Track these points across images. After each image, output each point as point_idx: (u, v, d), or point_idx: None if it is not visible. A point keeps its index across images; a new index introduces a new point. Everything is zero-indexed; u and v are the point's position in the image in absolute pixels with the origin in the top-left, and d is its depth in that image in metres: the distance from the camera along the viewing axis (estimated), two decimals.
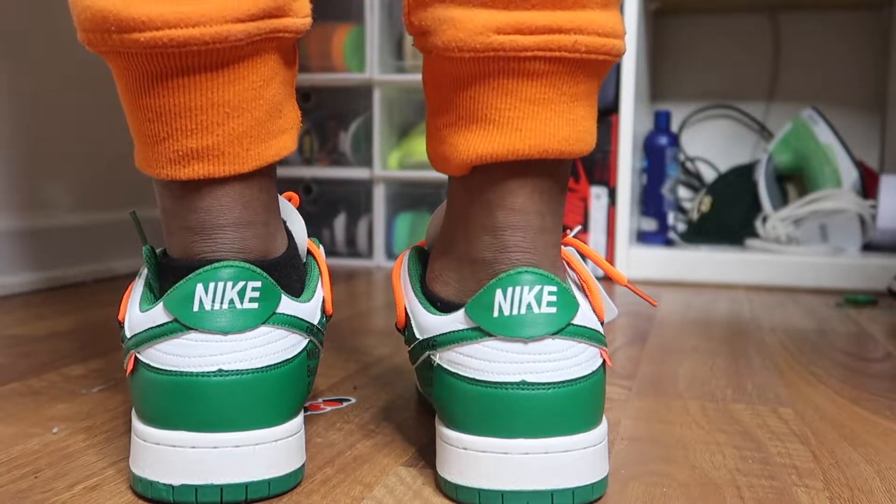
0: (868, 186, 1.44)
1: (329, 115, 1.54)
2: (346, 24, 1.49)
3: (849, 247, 1.39)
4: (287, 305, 0.46)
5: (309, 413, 0.59)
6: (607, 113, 1.36)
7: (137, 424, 0.44)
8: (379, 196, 1.50)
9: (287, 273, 0.47)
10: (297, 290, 0.48)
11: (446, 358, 0.45)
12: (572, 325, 0.44)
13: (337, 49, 1.48)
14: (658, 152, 1.46)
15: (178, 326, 0.43)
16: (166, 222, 0.47)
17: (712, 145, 1.66)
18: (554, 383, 0.43)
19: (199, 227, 0.45)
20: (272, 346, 0.44)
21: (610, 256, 1.38)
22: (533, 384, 0.43)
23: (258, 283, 0.44)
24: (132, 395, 0.46)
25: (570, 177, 0.50)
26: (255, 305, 0.44)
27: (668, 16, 1.64)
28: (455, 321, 0.45)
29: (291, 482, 0.45)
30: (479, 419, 0.43)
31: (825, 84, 1.61)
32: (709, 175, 1.65)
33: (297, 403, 0.46)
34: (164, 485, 0.43)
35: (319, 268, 0.51)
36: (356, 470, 0.49)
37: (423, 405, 0.62)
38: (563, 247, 0.52)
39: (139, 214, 0.53)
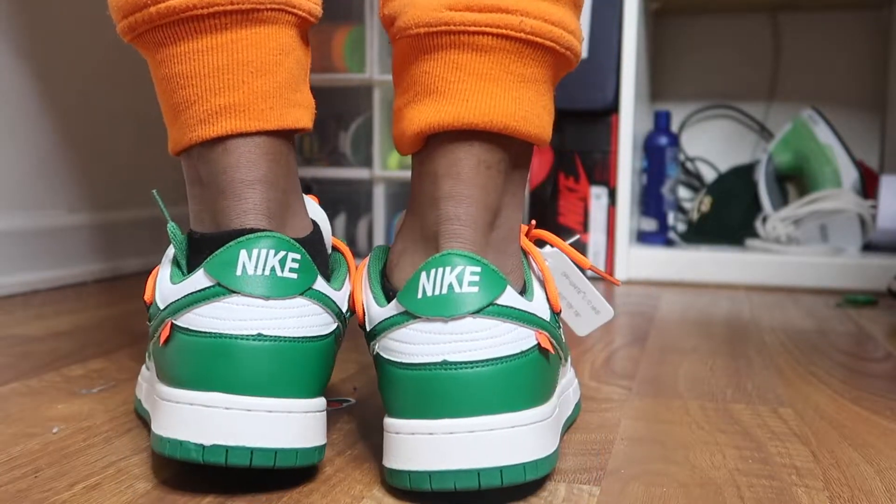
0: (868, 186, 1.44)
1: (329, 115, 1.54)
2: (346, 25, 1.49)
3: (849, 247, 1.39)
4: (322, 285, 0.47)
5: None
6: (607, 113, 1.36)
7: (165, 389, 0.44)
8: (379, 196, 1.50)
9: (311, 255, 0.48)
10: (321, 274, 0.49)
11: (382, 346, 0.46)
12: (496, 304, 0.44)
13: (337, 49, 1.48)
14: (658, 152, 1.46)
15: (220, 290, 0.44)
16: (198, 198, 0.49)
17: (712, 145, 1.66)
18: (475, 362, 0.43)
19: (229, 186, 0.47)
20: (309, 320, 0.45)
21: (610, 256, 1.38)
22: (454, 363, 0.43)
23: (298, 256, 0.45)
24: (161, 364, 0.46)
25: (528, 169, 0.51)
26: (295, 276, 0.45)
27: (668, 16, 1.64)
28: (390, 309, 0.46)
29: (316, 457, 0.46)
30: (408, 402, 0.44)
31: (825, 84, 1.61)
32: (709, 175, 1.65)
33: (325, 381, 0.47)
34: (195, 444, 0.42)
35: (348, 263, 0.53)
36: (356, 469, 0.49)
37: None
38: (535, 243, 0.52)
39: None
